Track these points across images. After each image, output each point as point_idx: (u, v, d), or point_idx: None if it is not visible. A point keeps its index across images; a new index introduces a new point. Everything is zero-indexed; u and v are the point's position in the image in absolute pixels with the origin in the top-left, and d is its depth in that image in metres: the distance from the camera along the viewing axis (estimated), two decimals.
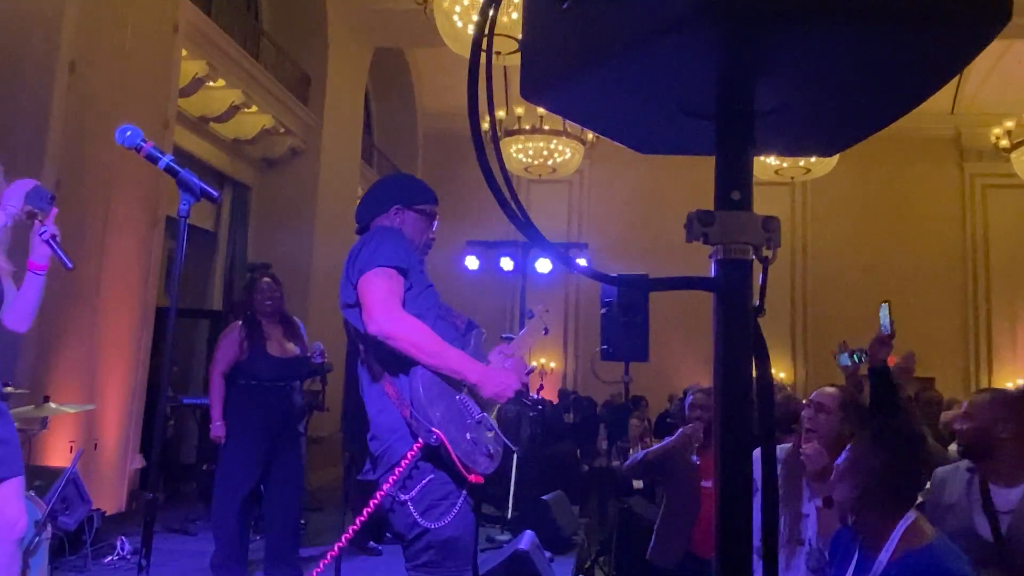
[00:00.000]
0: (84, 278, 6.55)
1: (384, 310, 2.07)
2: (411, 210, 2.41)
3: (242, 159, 10.12)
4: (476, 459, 2.07)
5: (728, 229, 0.80)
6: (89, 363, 6.54)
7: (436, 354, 2.07)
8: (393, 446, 2.11)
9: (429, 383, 2.06)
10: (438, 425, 2.01)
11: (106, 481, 6.69)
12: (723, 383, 0.83)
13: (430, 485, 2.07)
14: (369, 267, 2.14)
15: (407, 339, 2.05)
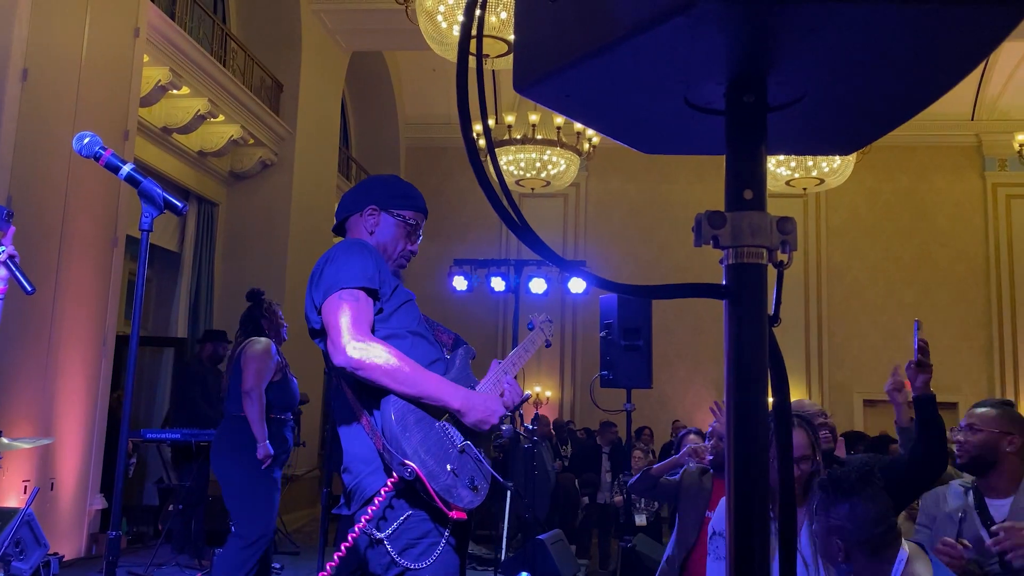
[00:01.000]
0: (39, 303, 6.51)
1: (350, 339, 2.00)
2: (387, 213, 2.34)
3: (208, 173, 10.12)
4: (458, 493, 2.01)
5: (740, 231, 0.80)
6: (44, 396, 6.49)
7: (411, 382, 2.02)
8: (365, 480, 2.07)
9: (403, 411, 2.02)
10: (412, 456, 1.96)
11: (64, 523, 6.62)
12: (736, 397, 0.83)
13: (408, 522, 2.02)
14: (333, 289, 2.08)
15: (377, 369, 1.99)
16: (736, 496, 0.86)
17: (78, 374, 6.95)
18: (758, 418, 0.83)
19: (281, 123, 10.58)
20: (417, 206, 2.39)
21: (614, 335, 6.25)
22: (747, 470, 0.84)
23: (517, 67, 0.83)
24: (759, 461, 0.84)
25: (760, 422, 0.83)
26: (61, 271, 6.74)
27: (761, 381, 0.83)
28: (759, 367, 0.83)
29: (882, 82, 0.78)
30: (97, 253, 7.25)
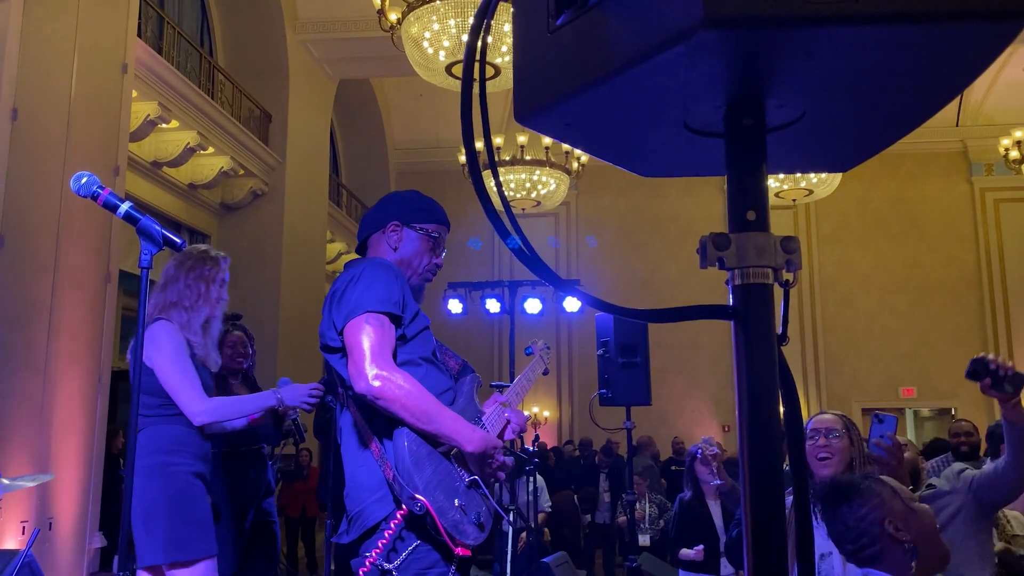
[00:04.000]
0: (32, 341, 6.48)
1: (373, 367, 1.98)
2: (409, 228, 2.32)
3: (199, 205, 10.14)
4: (464, 529, 2.00)
5: (745, 252, 0.81)
6: (41, 434, 6.44)
7: (428, 419, 2.00)
8: (369, 508, 2.04)
9: (416, 443, 2.00)
10: (424, 491, 1.94)
11: (63, 563, 6.55)
12: (749, 419, 0.84)
13: (416, 553, 2.00)
14: (358, 311, 2.05)
15: (397, 401, 1.98)
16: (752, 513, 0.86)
17: (74, 411, 6.91)
18: (771, 436, 0.83)
19: (271, 153, 10.61)
20: (439, 219, 2.36)
21: (611, 353, 6.24)
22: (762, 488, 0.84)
23: (517, 98, 0.84)
24: (773, 479, 0.84)
25: (773, 440, 0.83)
26: (55, 307, 6.72)
27: (772, 399, 0.83)
28: (770, 386, 0.83)
29: (879, 99, 0.79)
30: (90, 289, 7.22)
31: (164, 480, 2.83)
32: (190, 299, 3.04)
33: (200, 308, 3.05)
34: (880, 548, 1.81)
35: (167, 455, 2.86)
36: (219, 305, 3.13)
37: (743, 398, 0.83)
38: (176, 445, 2.87)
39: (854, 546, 1.86)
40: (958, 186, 14.78)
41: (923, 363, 14.02)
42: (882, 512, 1.84)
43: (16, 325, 6.29)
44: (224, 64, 10.64)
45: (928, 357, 14.04)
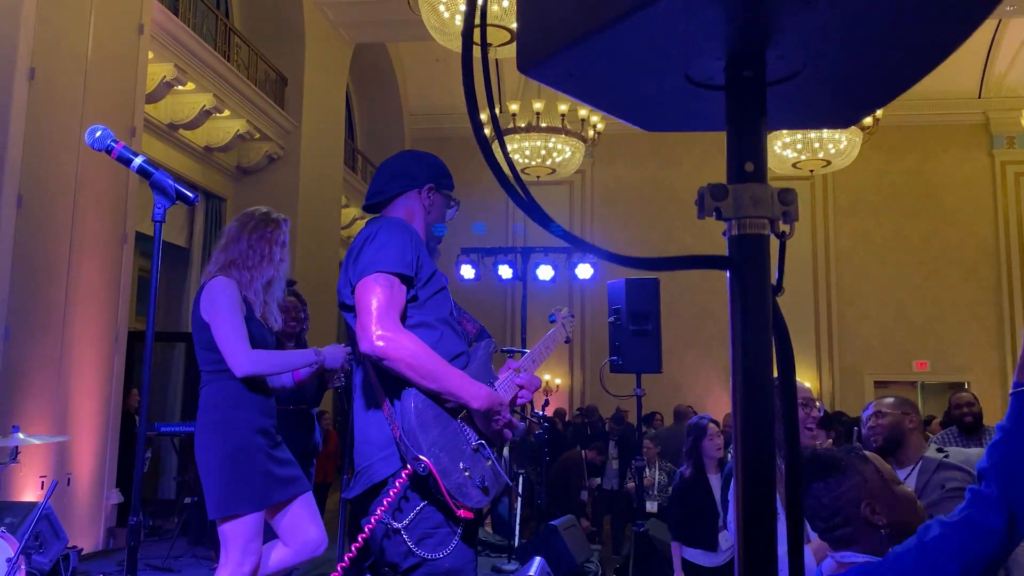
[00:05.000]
0: (50, 302, 6.57)
1: (378, 327, 2.00)
2: (440, 193, 2.37)
3: (215, 168, 10.17)
4: (468, 492, 2.02)
5: (742, 203, 0.82)
6: (59, 393, 6.55)
7: (434, 378, 2.01)
8: (376, 465, 2.07)
9: (423, 406, 2.02)
10: (428, 452, 1.96)
11: (81, 518, 6.69)
12: (741, 369, 0.85)
13: (423, 513, 2.03)
14: (369, 271, 2.07)
15: (402, 361, 1.99)
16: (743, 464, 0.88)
17: (91, 371, 7.01)
18: (764, 386, 0.85)
19: (286, 117, 10.61)
20: (453, 185, 2.44)
21: (622, 320, 6.26)
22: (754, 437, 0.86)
23: (520, 47, 0.85)
24: (766, 429, 0.86)
25: (766, 389, 0.85)
26: (72, 268, 6.79)
27: (765, 349, 0.85)
28: (763, 336, 0.85)
29: (882, 51, 0.80)
30: (107, 250, 7.29)
31: (224, 436, 2.91)
32: (253, 259, 3.10)
33: (263, 269, 3.10)
34: (853, 530, 1.74)
35: (228, 411, 2.93)
36: (282, 267, 3.18)
37: (736, 348, 0.85)
38: (238, 401, 2.94)
39: (826, 524, 1.78)
40: (978, 159, 14.61)
41: (937, 337, 13.96)
42: (860, 492, 1.76)
43: (34, 284, 6.36)
44: (240, 27, 10.61)
45: (942, 331, 13.98)
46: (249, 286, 3.08)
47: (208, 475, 2.93)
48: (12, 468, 5.81)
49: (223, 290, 2.99)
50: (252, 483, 2.91)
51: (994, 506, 1.45)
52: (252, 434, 2.95)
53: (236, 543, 2.91)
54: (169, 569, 5.72)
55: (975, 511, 1.48)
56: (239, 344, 2.90)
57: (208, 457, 2.93)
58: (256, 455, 2.94)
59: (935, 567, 1.49)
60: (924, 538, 1.54)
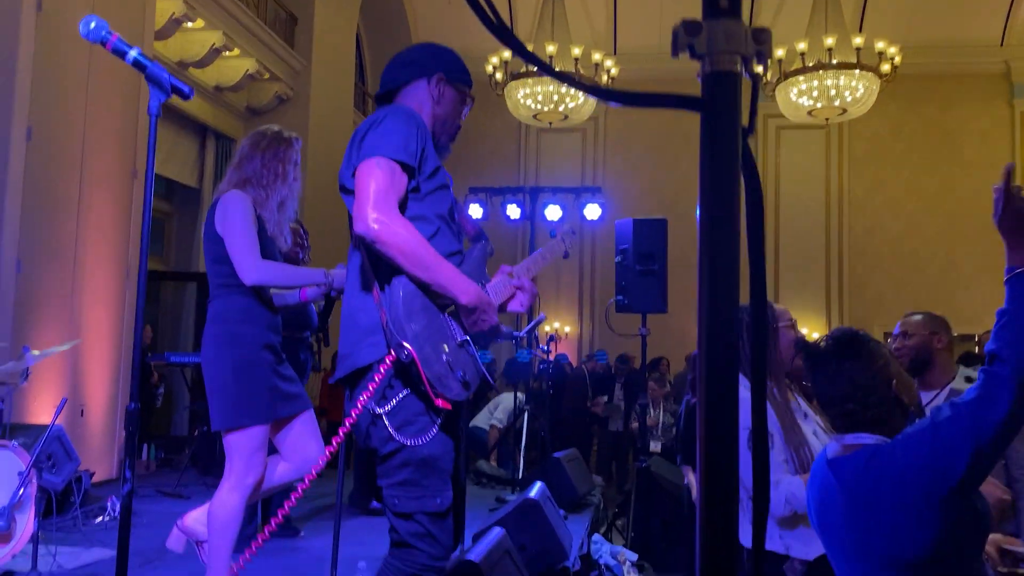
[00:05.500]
0: (61, 235, 6.63)
1: (375, 210, 1.99)
2: (452, 86, 2.30)
3: (225, 108, 10.14)
4: (448, 383, 2.03)
5: (715, 39, 0.82)
6: (72, 325, 6.64)
7: (425, 268, 2.02)
8: (361, 350, 2.09)
9: (411, 295, 2.03)
10: (412, 341, 1.97)
11: (95, 447, 6.84)
12: (709, 210, 0.86)
13: (405, 401, 2.06)
14: (372, 154, 2.05)
15: (395, 246, 2.00)
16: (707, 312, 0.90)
17: (104, 305, 7.10)
18: (730, 232, 0.86)
19: (296, 57, 10.54)
20: (470, 81, 2.37)
21: (629, 260, 6.28)
22: (716, 287, 0.87)
23: None
24: (730, 276, 0.87)
25: (732, 233, 0.86)
26: (82, 203, 6.84)
27: (734, 191, 0.86)
28: (731, 177, 0.86)
29: None
30: (117, 186, 7.32)
31: (231, 350, 2.96)
32: (267, 178, 3.12)
33: (277, 188, 3.12)
34: (886, 410, 1.74)
35: (236, 325, 2.98)
36: (295, 186, 3.20)
37: (704, 187, 0.86)
38: (245, 315, 2.98)
39: (858, 405, 1.74)
40: (998, 109, 14.37)
41: (949, 289, 13.89)
42: (889, 371, 1.77)
43: (45, 216, 6.42)
44: None
45: (955, 283, 13.91)
46: (264, 204, 3.11)
47: (214, 387, 2.99)
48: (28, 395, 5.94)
49: (238, 203, 3.01)
50: (258, 396, 2.96)
51: (1005, 383, 1.50)
52: (259, 349, 3.00)
53: (240, 455, 2.97)
54: (179, 495, 5.86)
55: (986, 390, 1.53)
56: (250, 253, 2.94)
57: (214, 370, 2.99)
58: (262, 369, 2.99)
59: (948, 444, 1.53)
60: (937, 419, 1.58)
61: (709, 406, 0.86)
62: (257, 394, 2.95)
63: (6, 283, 6.02)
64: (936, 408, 1.63)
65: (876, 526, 1.64)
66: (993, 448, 1.52)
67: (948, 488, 1.54)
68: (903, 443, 1.63)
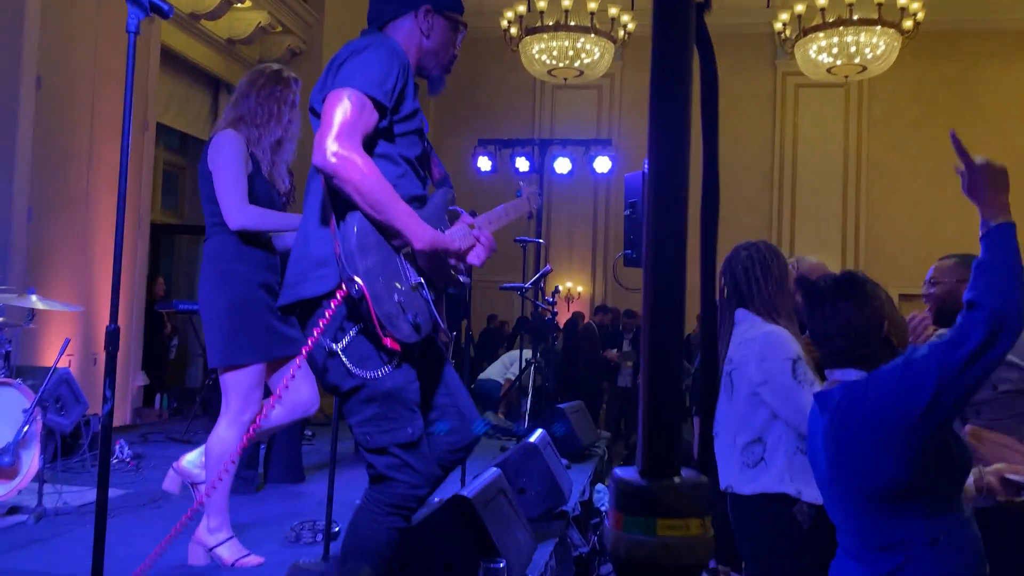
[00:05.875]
0: (73, 183, 6.65)
1: (336, 142, 1.93)
2: (442, 16, 2.23)
3: (237, 61, 10.07)
4: (398, 324, 1.99)
5: None
6: (83, 275, 6.69)
7: (380, 208, 1.97)
8: (309, 280, 2.06)
9: (366, 230, 1.99)
10: (363, 275, 1.94)
11: None
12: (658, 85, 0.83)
13: (359, 337, 2.03)
14: (345, 84, 1.98)
15: (351, 183, 1.94)
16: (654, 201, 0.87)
17: None
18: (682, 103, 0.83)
19: (309, 10, 10.45)
20: (461, 7, 2.29)
21: (638, 214, 6.21)
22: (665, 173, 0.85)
23: None
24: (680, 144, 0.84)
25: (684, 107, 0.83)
26: (93, 153, 6.85)
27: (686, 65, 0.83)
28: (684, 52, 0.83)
29: None
30: None
31: (226, 288, 2.96)
32: (261, 117, 3.08)
33: (271, 128, 3.09)
34: (874, 350, 1.79)
35: (230, 263, 2.97)
36: (291, 128, 3.16)
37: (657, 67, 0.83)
38: (239, 254, 2.98)
39: (848, 343, 1.81)
40: (1023, 68, 14.05)
41: (967, 252, 13.71)
42: (883, 313, 1.82)
43: (55, 166, 6.43)
44: None
45: (972, 246, 13.61)
46: (257, 143, 3.09)
47: (211, 326, 3.00)
48: (42, 341, 6.01)
49: (229, 142, 2.99)
50: (254, 335, 2.97)
51: (979, 324, 1.58)
52: (254, 288, 2.99)
53: (236, 393, 2.99)
54: (189, 441, 5.94)
55: (961, 331, 1.60)
56: (236, 197, 2.92)
57: (210, 308, 2.99)
58: (258, 308, 2.99)
59: (917, 378, 1.61)
60: (911, 356, 1.66)
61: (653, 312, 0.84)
62: (253, 332, 2.96)
63: (18, 231, 6.06)
64: (912, 347, 1.70)
65: (848, 456, 1.71)
66: (958, 382, 1.58)
67: (913, 419, 1.61)
68: (876, 378, 1.70)
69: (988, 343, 1.56)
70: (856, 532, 1.74)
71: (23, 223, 6.08)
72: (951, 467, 1.68)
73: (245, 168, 2.98)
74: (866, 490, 1.69)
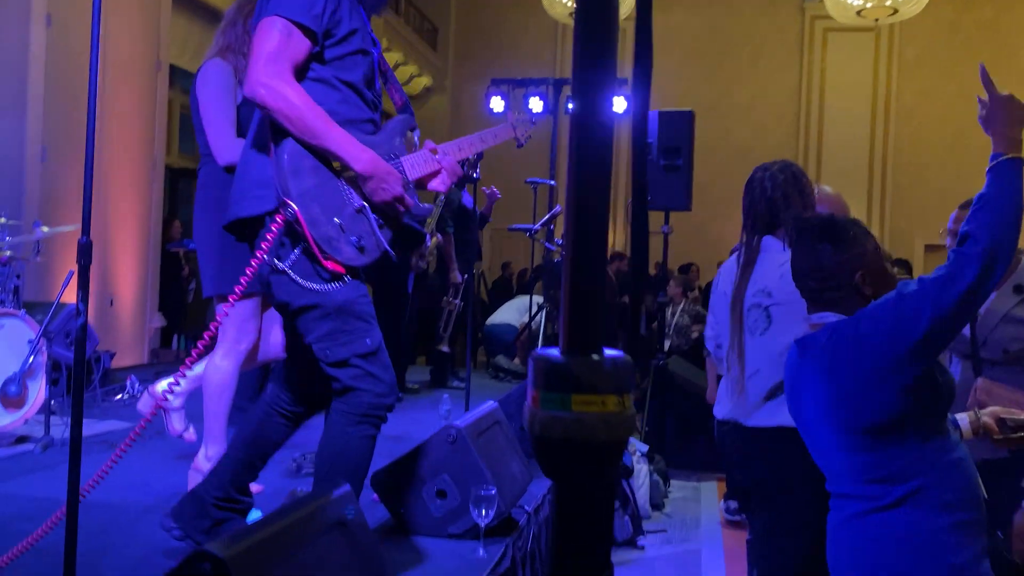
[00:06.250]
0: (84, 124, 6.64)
1: (262, 72, 1.96)
2: None
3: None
4: (338, 246, 2.02)
5: None
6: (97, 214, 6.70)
7: (312, 134, 1.99)
8: (246, 200, 2.10)
9: (299, 154, 2.01)
10: (296, 199, 1.97)
11: (126, 337, 7.03)
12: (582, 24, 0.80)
13: (303, 258, 2.06)
14: (273, 12, 2.00)
15: (279, 112, 1.97)
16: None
17: (130, 197, 7.17)
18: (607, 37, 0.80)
19: None
20: None
21: (653, 155, 6.13)
22: None
23: None
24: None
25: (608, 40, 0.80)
26: (105, 94, 6.83)
27: None
28: None
29: None
30: (141, 78, 7.30)
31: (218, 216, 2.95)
32: (248, 45, 3.04)
33: None
34: (842, 295, 1.83)
35: (222, 190, 2.95)
36: None
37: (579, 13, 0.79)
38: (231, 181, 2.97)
39: (818, 284, 1.86)
40: None
41: None
42: (859, 263, 1.84)
43: (68, 106, 6.43)
44: None
45: None
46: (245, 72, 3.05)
47: (204, 254, 2.99)
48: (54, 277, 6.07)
49: (217, 73, 2.95)
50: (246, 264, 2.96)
51: (974, 259, 1.60)
52: None
53: (232, 322, 2.99)
54: None
55: (955, 266, 1.63)
56: (223, 133, 2.89)
57: (204, 236, 2.98)
58: None
59: (910, 313, 1.64)
60: (903, 291, 1.70)
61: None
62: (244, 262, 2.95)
63: (31, 171, 6.09)
64: (904, 282, 1.73)
65: (841, 394, 1.73)
66: (951, 317, 1.62)
67: (904, 352, 1.64)
68: (868, 314, 1.73)
69: (982, 279, 1.59)
70: (848, 470, 1.77)
71: (36, 162, 6.10)
72: (938, 395, 1.71)
73: (234, 99, 2.94)
74: (861, 425, 1.72)
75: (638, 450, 4.99)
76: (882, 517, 1.70)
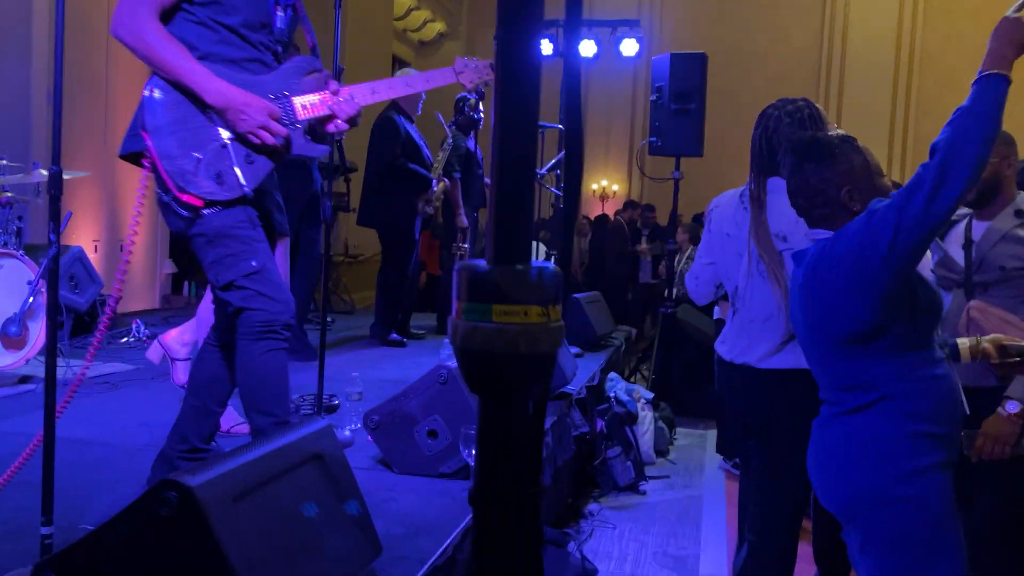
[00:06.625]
0: (92, 72, 6.61)
1: (124, 13, 2.04)
2: None
3: None
4: (194, 180, 2.06)
5: None
6: (105, 157, 6.71)
7: (169, 69, 2.05)
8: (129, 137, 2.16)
9: (162, 91, 2.08)
10: (151, 132, 2.04)
11: (137, 284, 7.08)
12: None
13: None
14: None
15: (139, 52, 2.05)
16: None
17: None
18: None
19: None
20: None
21: (664, 99, 6.01)
22: None
23: None
24: None
25: None
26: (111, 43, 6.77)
27: None
28: None
29: None
30: None
31: None
32: None
33: None
34: (831, 211, 1.87)
35: None
36: None
37: None
38: None
39: (807, 203, 1.92)
40: None
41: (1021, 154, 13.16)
42: (845, 179, 1.86)
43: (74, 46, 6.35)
44: None
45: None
46: None
47: None
48: None
49: None
50: None
51: (935, 166, 1.63)
52: None
53: None
54: None
55: (919, 175, 1.67)
56: None
57: None
58: None
59: (878, 224, 1.70)
60: (874, 206, 1.76)
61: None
62: None
63: (37, 114, 6.07)
64: (876, 199, 1.78)
65: (819, 304, 1.81)
66: (917, 227, 1.65)
67: (876, 263, 1.69)
68: (844, 230, 1.80)
69: (937, 186, 1.62)
70: (827, 376, 1.86)
71: (42, 105, 6.08)
72: (918, 308, 1.76)
73: None
74: (837, 334, 1.78)
75: (643, 397, 4.99)
76: (845, 421, 1.79)
